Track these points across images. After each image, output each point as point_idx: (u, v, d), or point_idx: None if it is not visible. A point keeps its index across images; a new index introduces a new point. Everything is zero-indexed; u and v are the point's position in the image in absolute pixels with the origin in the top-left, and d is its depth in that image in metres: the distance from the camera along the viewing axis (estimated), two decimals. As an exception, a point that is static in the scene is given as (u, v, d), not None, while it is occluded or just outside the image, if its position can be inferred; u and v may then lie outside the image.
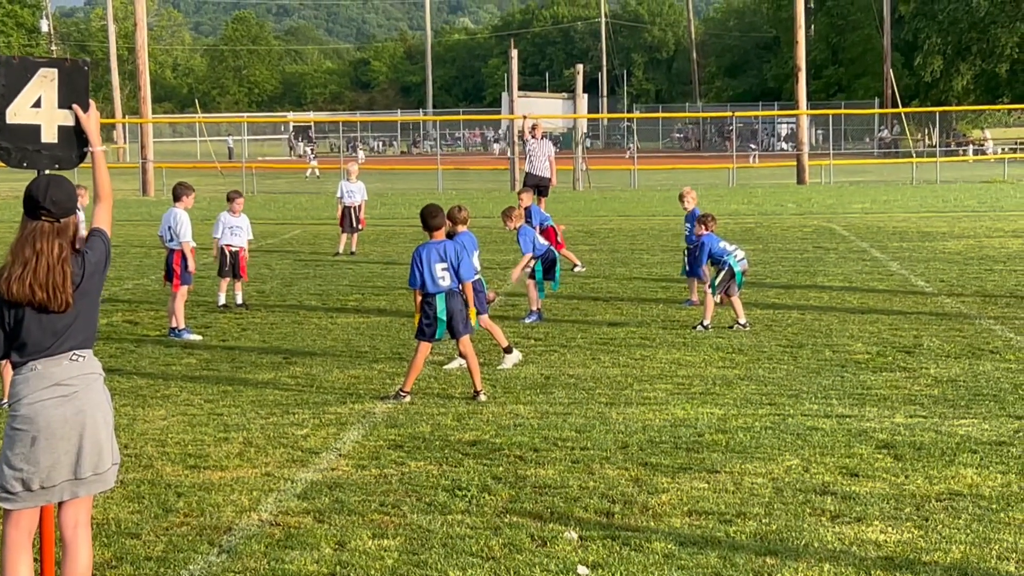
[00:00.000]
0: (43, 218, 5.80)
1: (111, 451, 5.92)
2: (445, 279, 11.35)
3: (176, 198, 15.81)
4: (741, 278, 15.37)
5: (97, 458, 5.82)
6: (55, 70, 6.42)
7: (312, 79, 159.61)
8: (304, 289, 19.63)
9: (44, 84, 6.38)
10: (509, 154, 55.74)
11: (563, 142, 77.43)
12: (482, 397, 11.28)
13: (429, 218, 11.71)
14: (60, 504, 5.90)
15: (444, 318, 11.39)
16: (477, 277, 12.30)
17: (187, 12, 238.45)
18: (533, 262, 15.81)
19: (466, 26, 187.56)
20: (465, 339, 11.55)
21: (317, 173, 65.20)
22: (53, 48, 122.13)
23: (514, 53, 52.22)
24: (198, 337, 15.03)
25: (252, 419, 10.63)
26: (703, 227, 15.57)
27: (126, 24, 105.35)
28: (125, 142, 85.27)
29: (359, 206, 26.06)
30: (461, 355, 11.90)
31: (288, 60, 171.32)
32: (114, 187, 6.56)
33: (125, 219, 35.38)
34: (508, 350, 13.01)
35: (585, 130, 53.98)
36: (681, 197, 17.62)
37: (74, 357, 5.84)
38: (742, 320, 15.12)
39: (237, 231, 17.57)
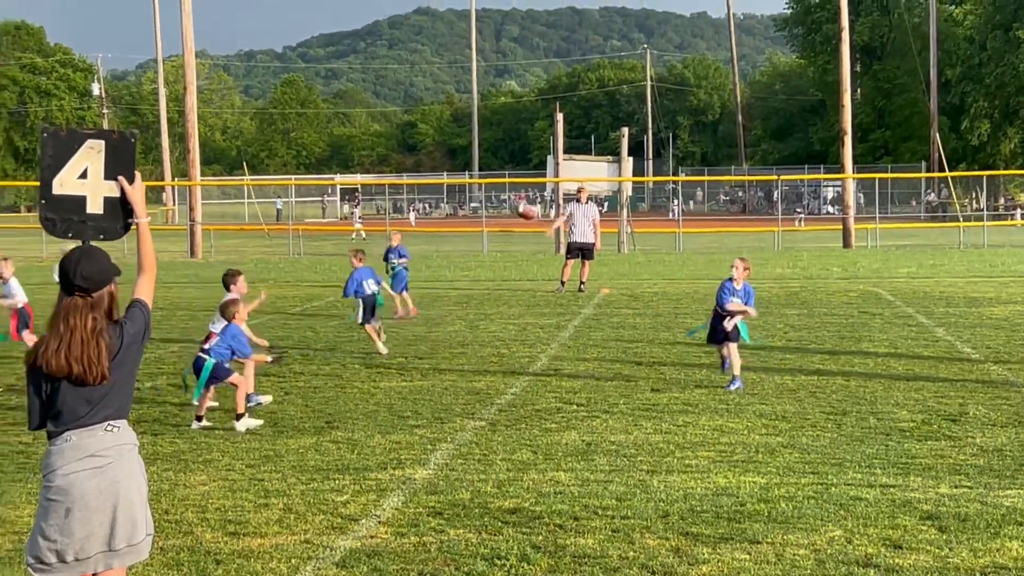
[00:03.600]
0: (76, 294, 5.85)
1: (145, 522, 5.93)
2: None
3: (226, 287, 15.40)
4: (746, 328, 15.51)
5: (131, 529, 5.83)
6: (102, 142, 6.50)
7: (360, 141, 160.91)
8: (348, 352, 19.66)
9: (91, 155, 6.46)
10: (553, 217, 55.86)
11: (608, 205, 77.59)
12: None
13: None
14: (93, 576, 5.91)
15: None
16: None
17: (237, 75, 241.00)
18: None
19: (512, 89, 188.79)
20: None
21: (363, 235, 65.53)
22: (105, 111, 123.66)
23: (560, 116, 52.40)
24: (268, 398, 15.06)
25: (293, 485, 10.63)
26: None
27: (176, 87, 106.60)
28: (174, 204, 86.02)
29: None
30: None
31: (336, 122, 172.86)
32: (163, 248, 6.63)
33: (172, 281, 35.63)
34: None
35: (630, 193, 53.95)
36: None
37: (109, 428, 5.87)
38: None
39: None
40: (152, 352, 19.17)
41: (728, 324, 15.78)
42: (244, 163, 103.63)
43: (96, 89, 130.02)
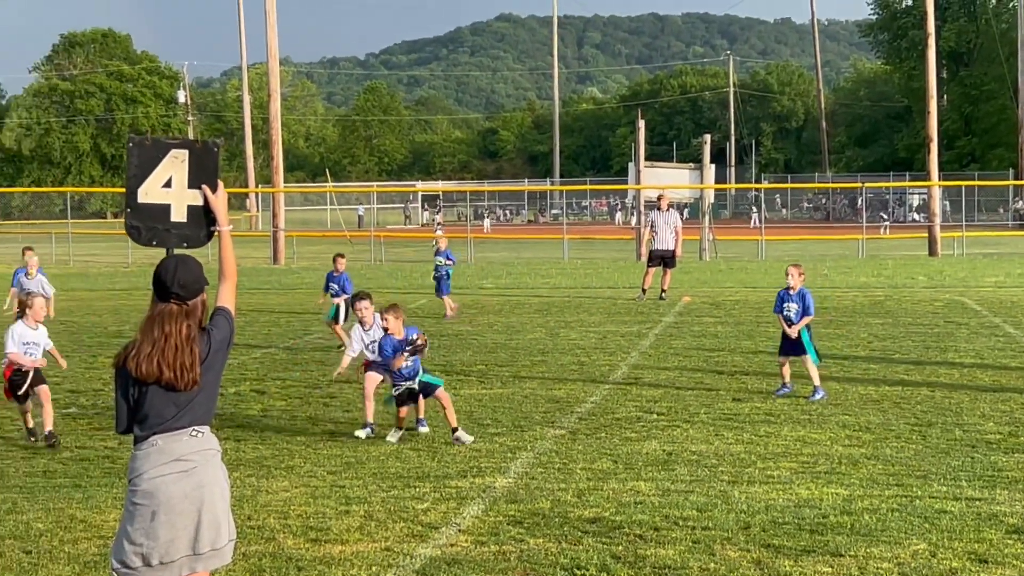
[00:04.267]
0: (172, 300, 5.94)
1: (228, 527, 5.99)
2: None
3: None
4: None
5: (215, 534, 5.89)
6: (186, 151, 6.58)
7: (441, 148, 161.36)
8: (428, 360, 19.67)
9: (175, 165, 6.54)
10: (635, 224, 55.72)
11: (690, 212, 77.22)
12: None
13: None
14: (177, 580, 5.97)
15: None
16: None
17: (320, 83, 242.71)
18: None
19: (594, 95, 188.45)
20: None
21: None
22: (190, 118, 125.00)
23: (641, 123, 52.29)
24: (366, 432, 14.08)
25: (374, 492, 10.67)
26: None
27: (261, 94, 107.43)
28: (258, 210, 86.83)
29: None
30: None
31: (418, 129, 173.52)
32: (246, 254, 6.70)
33: (255, 287, 35.95)
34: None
35: (712, 200, 53.64)
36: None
37: (194, 433, 5.94)
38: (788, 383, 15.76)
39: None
40: (235, 358, 19.33)
41: (792, 332, 15.68)
42: (327, 170, 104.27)
43: (181, 96, 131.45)
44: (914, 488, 10.55)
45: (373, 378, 13.78)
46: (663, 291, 29.89)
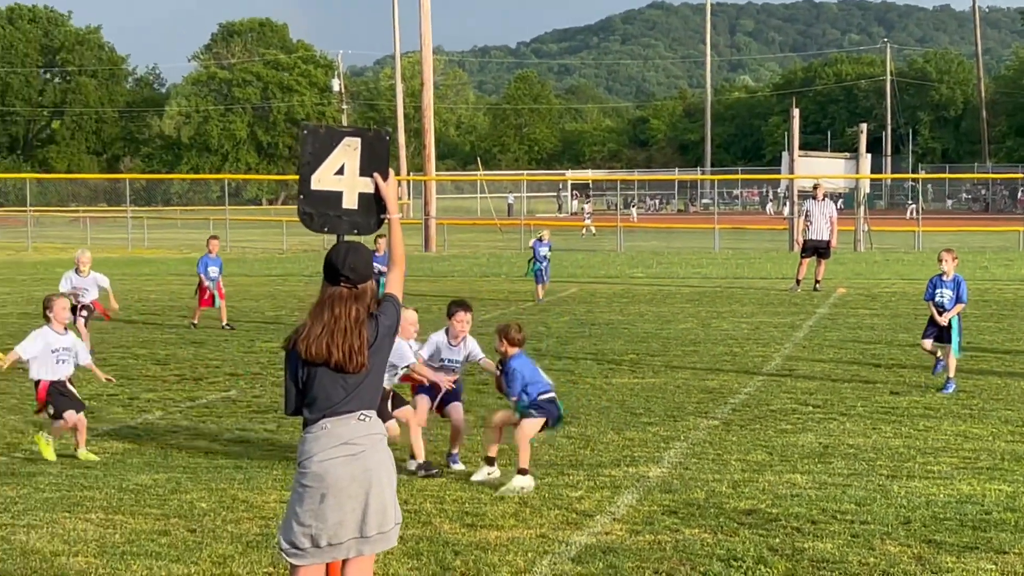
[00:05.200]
0: (342, 284, 6.03)
1: (394, 511, 6.06)
2: None
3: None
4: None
5: (382, 517, 5.96)
6: (358, 139, 6.68)
7: (591, 137, 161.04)
8: (580, 348, 19.72)
9: (347, 153, 6.65)
10: (787, 214, 55.08)
11: (844, 202, 76.13)
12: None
13: None
14: (344, 562, 6.06)
15: None
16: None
17: (471, 71, 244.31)
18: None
19: (746, 84, 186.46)
20: None
21: (593, 231, 65.66)
22: (344, 107, 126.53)
23: (795, 111, 51.59)
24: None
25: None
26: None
27: (413, 83, 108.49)
28: (409, 198, 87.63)
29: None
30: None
31: (568, 118, 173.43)
32: (394, 242, 6.75)
33: (407, 275, 36.27)
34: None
35: (867, 190, 52.76)
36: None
37: (362, 417, 6.02)
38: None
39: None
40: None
41: (943, 319, 15.42)
42: (478, 158, 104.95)
43: (336, 85, 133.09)
44: (1081, 486, 10.28)
45: (423, 407, 11.69)
46: (817, 282, 29.52)
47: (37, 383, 11.95)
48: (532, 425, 10.68)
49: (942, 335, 15.53)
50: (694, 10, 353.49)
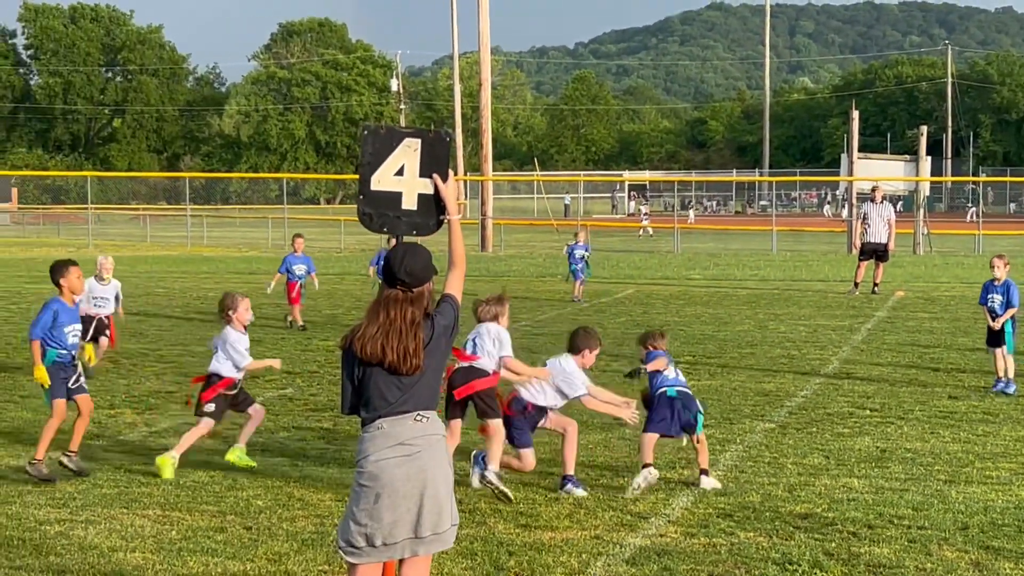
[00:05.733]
0: (398, 287, 6.05)
1: (451, 511, 6.06)
2: None
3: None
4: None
5: (437, 517, 5.98)
6: (419, 140, 6.70)
7: (648, 138, 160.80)
8: (636, 350, 19.60)
9: (407, 154, 6.66)
10: (845, 216, 54.72)
11: (903, 205, 75.65)
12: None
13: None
14: (401, 562, 6.08)
15: None
16: None
17: (529, 72, 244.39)
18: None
19: (806, 85, 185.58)
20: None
21: (650, 232, 65.54)
22: (402, 107, 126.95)
23: (855, 114, 51.26)
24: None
25: (583, 480, 10.69)
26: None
27: (471, 83, 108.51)
28: (466, 198, 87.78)
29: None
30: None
31: (625, 119, 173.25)
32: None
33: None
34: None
35: (927, 193, 52.36)
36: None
37: (418, 417, 6.03)
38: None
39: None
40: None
41: (996, 323, 15.55)
42: (534, 159, 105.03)
43: (394, 85, 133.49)
44: None
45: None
46: (875, 285, 29.32)
47: (211, 378, 11.45)
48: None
49: (997, 338, 15.61)
50: (753, 11, 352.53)
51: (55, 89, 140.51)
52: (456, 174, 75.92)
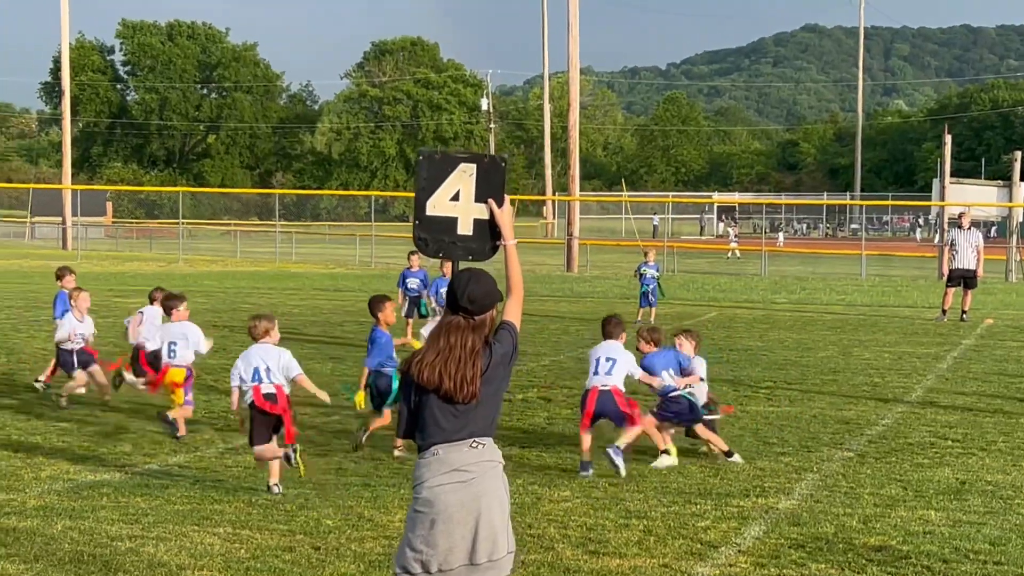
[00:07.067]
0: (460, 314, 6.04)
1: (507, 539, 6.02)
2: None
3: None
4: None
5: (492, 545, 5.93)
6: (474, 165, 6.67)
7: (739, 159, 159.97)
8: (716, 374, 19.46)
9: (463, 178, 6.64)
10: (937, 242, 54.01)
11: (997, 231, 74.50)
12: None
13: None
14: (459, 590, 6.03)
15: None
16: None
17: (620, 92, 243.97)
18: None
19: (900, 108, 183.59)
20: None
21: (738, 254, 65.15)
22: (492, 126, 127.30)
23: (948, 138, 50.65)
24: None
25: (654, 506, 10.62)
26: None
27: (561, 103, 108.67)
28: (554, 218, 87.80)
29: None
30: None
31: (716, 140, 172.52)
32: (540, 261, 6.73)
33: (547, 294, 36.35)
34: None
35: (1021, 219, 51.45)
36: None
37: (474, 444, 6.00)
38: None
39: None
40: (523, 365, 19.55)
41: None
42: (623, 179, 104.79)
43: (484, 104, 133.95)
44: None
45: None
46: (964, 312, 28.89)
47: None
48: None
49: None
50: (847, 33, 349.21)
51: (151, 105, 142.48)
52: (542, 193, 75.65)
